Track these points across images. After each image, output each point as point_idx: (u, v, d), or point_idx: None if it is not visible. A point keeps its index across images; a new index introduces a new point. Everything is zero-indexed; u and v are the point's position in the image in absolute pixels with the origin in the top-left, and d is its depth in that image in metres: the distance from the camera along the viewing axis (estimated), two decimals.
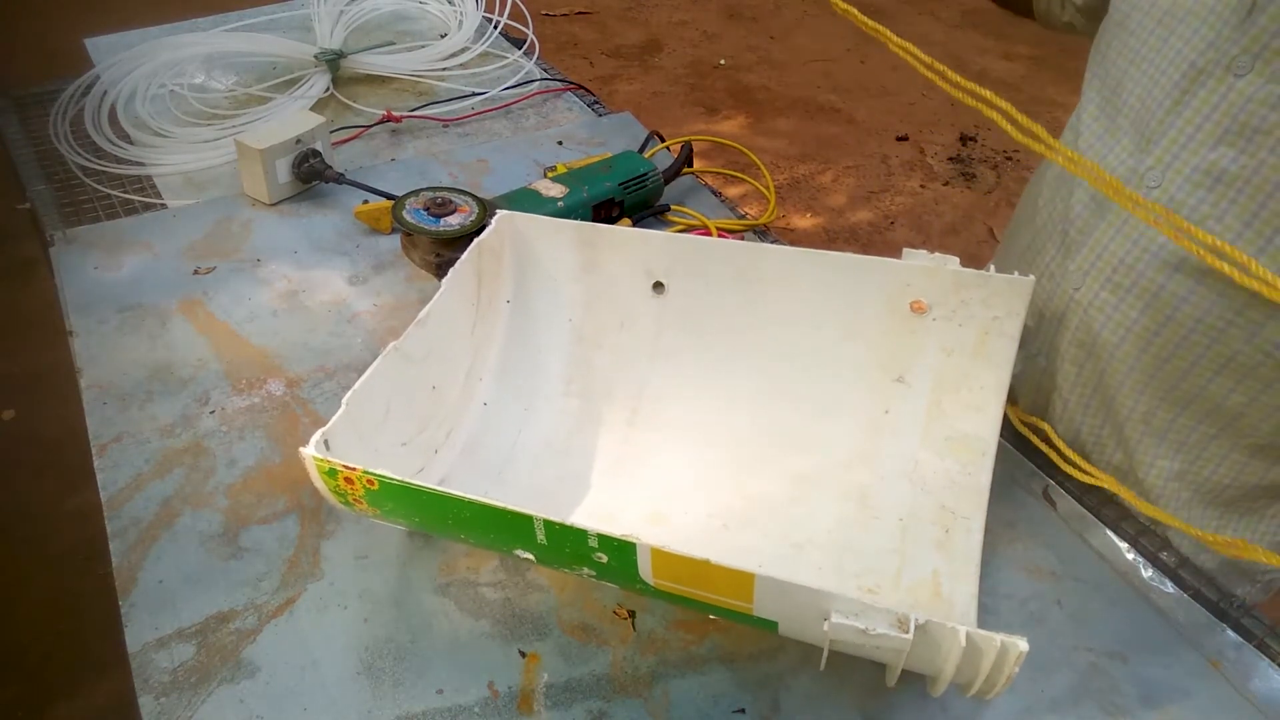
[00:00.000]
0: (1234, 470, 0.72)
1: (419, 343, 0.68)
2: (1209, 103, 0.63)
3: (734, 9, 3.73)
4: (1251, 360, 0.66)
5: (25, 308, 2.09)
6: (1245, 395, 0.67)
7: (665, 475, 0.72)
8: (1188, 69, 0.63)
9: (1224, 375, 0.67)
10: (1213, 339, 0.66)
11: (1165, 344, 0.69)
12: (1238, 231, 0.62)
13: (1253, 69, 0.60)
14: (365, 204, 0.98)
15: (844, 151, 2.86)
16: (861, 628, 0.48)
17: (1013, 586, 0.66)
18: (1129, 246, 0.69)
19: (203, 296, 0.88)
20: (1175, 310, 0.67)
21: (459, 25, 1.28)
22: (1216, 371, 0.67)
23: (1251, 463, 0.71)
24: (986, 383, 0.70)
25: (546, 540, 0.53)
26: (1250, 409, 0.68)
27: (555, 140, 1.12)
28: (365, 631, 0.62)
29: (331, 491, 0.57)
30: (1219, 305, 0.65)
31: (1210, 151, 0.63)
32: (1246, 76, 0.60)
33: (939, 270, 0.70)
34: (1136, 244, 0.68)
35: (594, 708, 0.58)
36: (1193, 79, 0.63)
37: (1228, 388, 0.68)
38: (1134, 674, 0.61)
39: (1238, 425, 0.69)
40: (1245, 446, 0.70)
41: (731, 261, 0.74)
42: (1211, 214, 0.63)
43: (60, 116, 1.08)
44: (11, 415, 1.98)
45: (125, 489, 0.70)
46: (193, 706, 0.57)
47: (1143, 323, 0.69)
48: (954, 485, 0.68)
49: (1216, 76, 0.62)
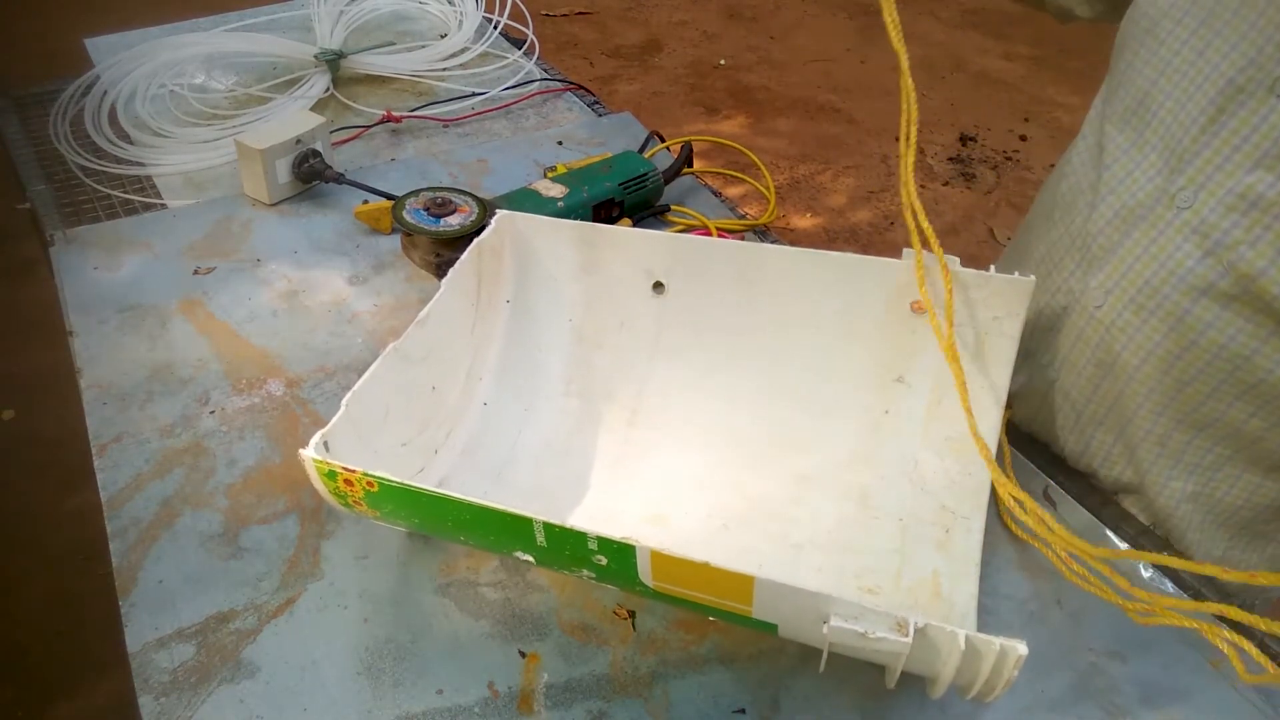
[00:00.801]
0: (1248, 491, 0.71)
1: (419, 343, 0.68)
2: (1249, 124, 0.60)
3: (734, 9, 3.73)
4: (1276, 388, 0.64)
5: (25, 308, 2.09)
6: (1266, 420, 0.66)
7: (665, 475, 0.72)
8: (1225, 85, 0.61)
9: (1245, 400, 0.66)
10: (1237, 365, 0.65)
11: (1187, 368, 0.67)
12: (1271, 259, 0.60)
13: None
14: (365, 204, 0.98)
15: (844, 151, 2.86)
16: (861, 631, 0.48)
17: (1013, 586, 0.66)
18: (1155, 268, 0.67)
19: (203, 296, 0.88)
20: (1200, 335, 0.65)
21: (459, 25, 1.28)
22: (1238, 396, 0.66)
23: (1265, 484, 0.70)
24: (986, 383, 0.70)
25: (546, 542, 0.53)
26: (1270, 433, 0.67)
27: (555, 140, 1.12)
28: (365, 631, 0.62)
29: (331, 493, 0.57)
30: (1245, 332, 0.64)
31: (1247, 175, 0.61)
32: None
33: (939, 270, 0.70)
34: (1164, 266, 0.66)
35: (594, 708, 0.58)
36: (1230, 97, 0.61)
37: (1248, 412, 0.67)
38: (1134, 674, 0.61)
39: (1256, 449, 0.68)
40: (1261, 468, 0.70)
41: (731, 261, 0.74)
42: (1245, 239, 0.61)
43: (60, 116, 1.09)
44: (11, 415, 1.98)
45: (125, 489, 0.70)
46: (193, 706, 0.57)
47: (1166, 346, 0.68)
48: (954, 485, 0.68)
49: (1258, 97, 0.59)
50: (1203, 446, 0.70)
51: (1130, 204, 0.68)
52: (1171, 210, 0.65)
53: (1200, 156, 0.63)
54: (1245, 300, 0.62)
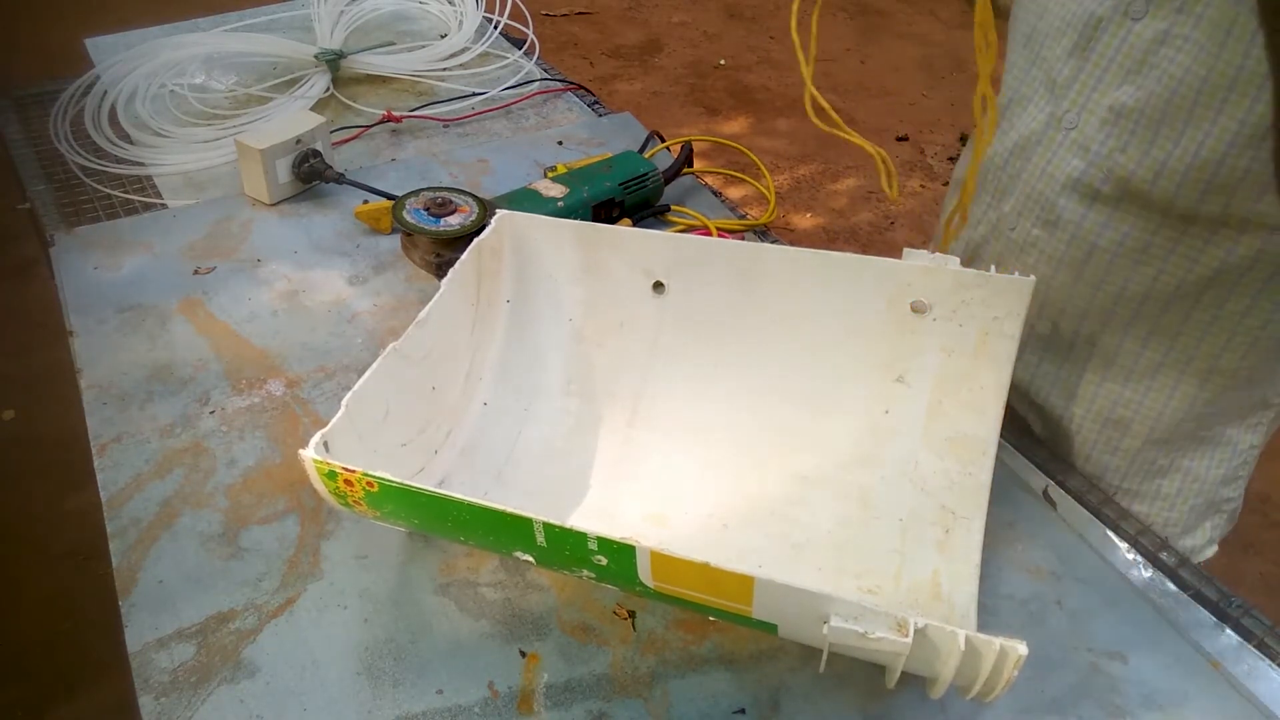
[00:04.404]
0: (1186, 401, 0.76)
1: (419, 343, 0.68)
2: (1111, 46, 0.68)
3: (734, 9, 3.73)
4: (1174, 275, 0.71)
5: (25, 308, 2.09)
6: (1179, 314, 0.73)
7: (665, 475, 0.72)
8: (1089, 18, 0.69)
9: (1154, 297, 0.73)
10: (1136, 260, 0.72)
11: (1095, 272, 0.74)
12: (1138, 160, 0.68)
13: (1147, 13, 0.65)
14: (365, 204, 0.98)
15: (844, 151, 2.86)
16: (861, 631, 0.48)
17: (1013, 587, 0.66)
18: (1051, 185, 0.74)
19: (203, 296, 0.88)
20: (1098, 238, 0.73)
21: (459, 25, 1.28)
22: (1146, 294, 0.73)
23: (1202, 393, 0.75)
24: (986, 383, 0.70)
25: (546, 542, 0.53)
26: (1186, 327, 0.73)
27: (555, 140, 1.12)
28: (365, 631, 0.62)
29: (331, 493, 0.57)
30: (1136, 228, 0.71)
31: (1115, 90, 0.68)
32: (1143, 20, 0.65)
33: (939, 270, 0.70)
34: (1057, 181, 0.74)
35: (594, 708, 0.58)
36: (1094, 26, 0.69)
37: (1160, 307, 0.73)
38: (1134, 674, 0.61)
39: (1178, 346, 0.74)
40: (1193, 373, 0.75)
41: (731, 261, 0.74)
42: (1117, 147, 0.69)
43: (60, 116, 1.09)
44: (11, 415, 1.98)
45: (125, 489, 0.70)
46: (193, 707, 0.57)
47: (1071, 254, 0.74)
48: (954, 485, 0.68)
49: (1116, 22, 0.67)
50: (1133, 349, 0.76)
51: (1026, 133, 0.76)
52: (1060, 132, 0.73)
53: (1078, 81, 0.71)
54: (1128, 200, 0.70)
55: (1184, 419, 0.77)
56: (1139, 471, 0.80)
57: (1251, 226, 0.67)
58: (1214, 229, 0.68)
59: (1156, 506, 0.81)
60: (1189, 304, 0.72)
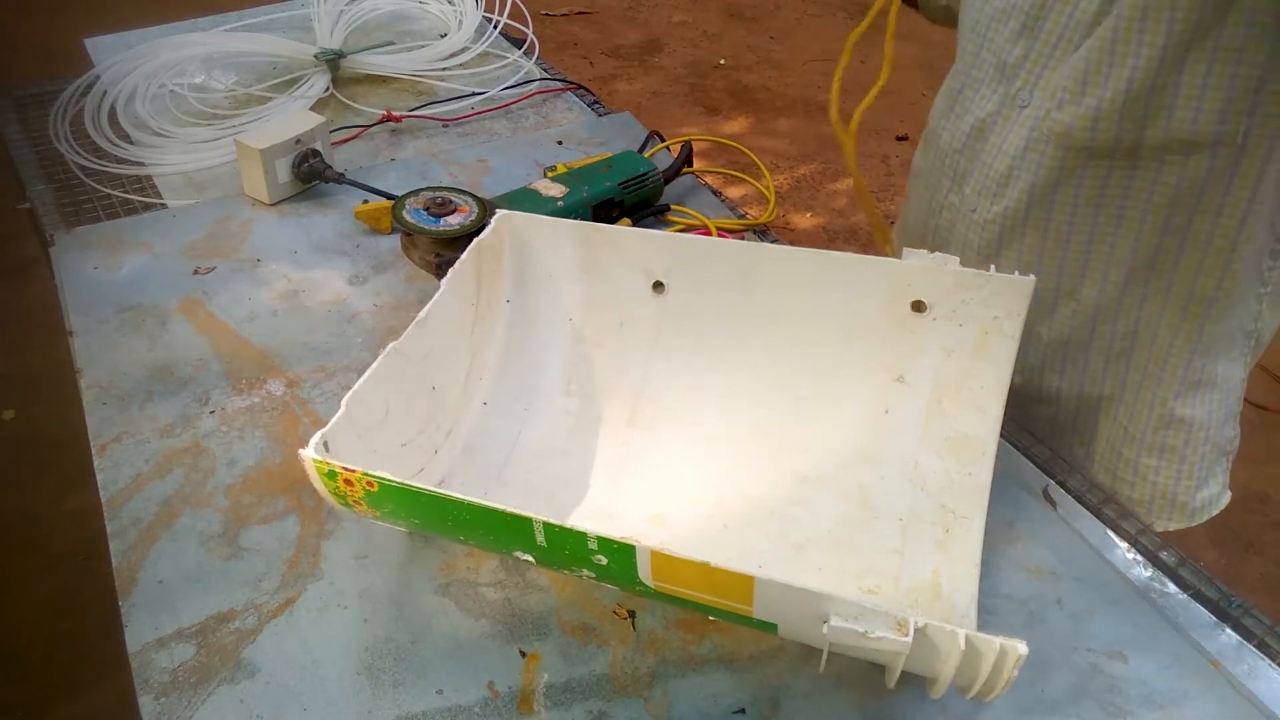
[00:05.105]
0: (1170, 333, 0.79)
1: (419, 343, 0.68)
2: (1059, 23, 0.73)
3: (734, 9, 3.73)
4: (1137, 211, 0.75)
5: (25, 308, 2.09)
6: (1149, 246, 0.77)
7: (665, 475, 0.72)
8: (1035, 3, 0.74)
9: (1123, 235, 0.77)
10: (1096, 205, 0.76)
11: (1059, 227, 0.78)
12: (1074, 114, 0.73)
13: None
14: (365, 204, 0.98)
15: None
16: (860, 631, 0.48)
17: (1013, 586, 0.66)
18: (1006, 159, 0.79)
19: (203, 296, 0.88)
20: (1055, 196, 0.77)
21: (459, 25, 1.28)
22: (1114, 233, 0.77)
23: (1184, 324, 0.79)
24: (986, 383, 0.70)
25: (546, 542, 0.53)
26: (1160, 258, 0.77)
27: (555, 140, 1.12)
28: (365, 631, 0.62)
29: (331, 493, 0.57)
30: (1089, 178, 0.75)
31: (1066, 63, 0.73)
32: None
33: (939, 270, 0.70)
34: (1010, 154, 0.78)
35: (594, 708, 0.58)
36: (1040, 6, 0.74)
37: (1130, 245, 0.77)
38: (1134, 674, 0.61)
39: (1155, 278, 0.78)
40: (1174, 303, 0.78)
41: (731, 261, 0.74)
42: (1053, 107, 0.75)
43: (60, 116, 1.09)
44: (11, 415, 1.98)
45: (125, 489, 0.70)
46: (193, 707, 0.57)
47: (1034, 217, 0.79)
48: (954, 485, 0.68)
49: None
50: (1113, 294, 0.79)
51: (982, 116, 0.81)
52: (1015, 110, 0.78)
53: (1028, 60, 0.76)
54: (1072, 154, 0.74)
55: (1170, 354, 0.80)
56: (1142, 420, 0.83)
57: (1195, 147, 0.70)
58: (1161, 156, 0.72)
59: (1166, 459, 0.83)
60: (1157, 234, 0.76)
